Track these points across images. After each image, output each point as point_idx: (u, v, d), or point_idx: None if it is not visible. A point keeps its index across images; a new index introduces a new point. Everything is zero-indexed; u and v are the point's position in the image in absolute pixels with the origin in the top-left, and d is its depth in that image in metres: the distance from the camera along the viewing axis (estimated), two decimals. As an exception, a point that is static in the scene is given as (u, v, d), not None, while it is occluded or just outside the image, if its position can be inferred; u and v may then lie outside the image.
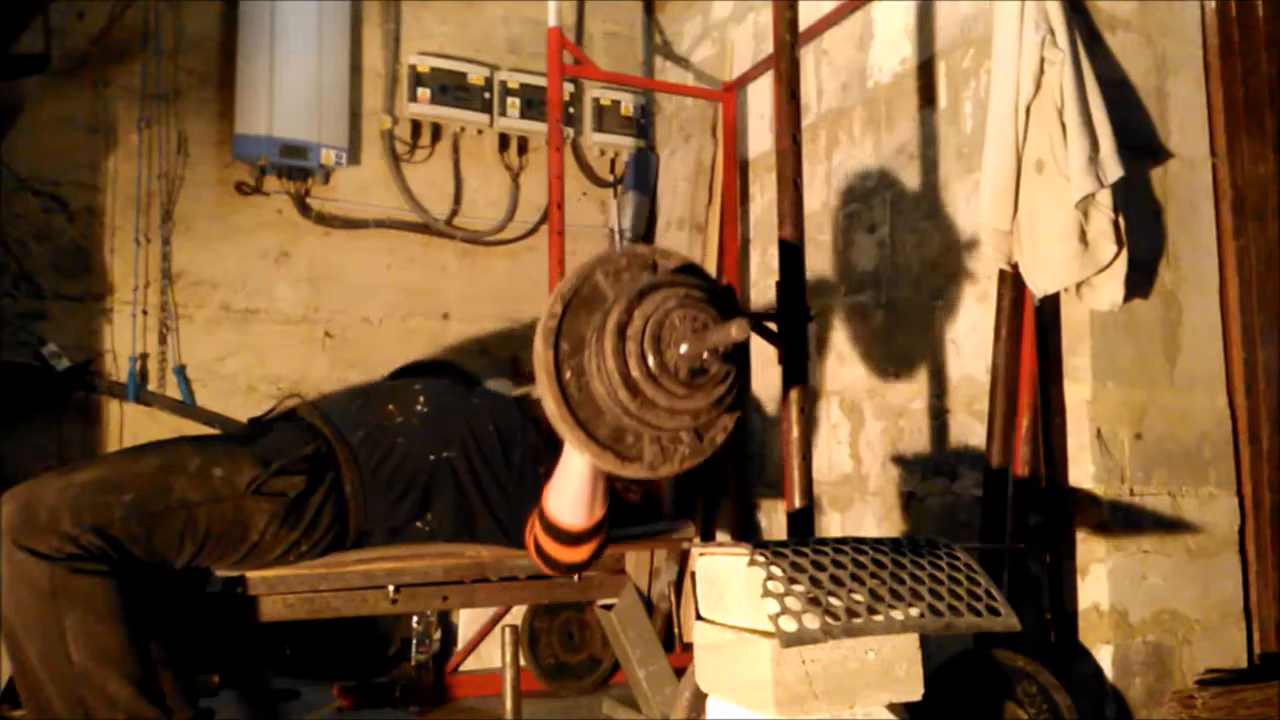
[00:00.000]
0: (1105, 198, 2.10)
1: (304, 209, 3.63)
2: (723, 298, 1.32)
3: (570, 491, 1.53)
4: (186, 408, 3.40)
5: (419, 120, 3.81)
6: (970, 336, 2.55)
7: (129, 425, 3.33)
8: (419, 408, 1.84)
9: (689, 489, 3.48)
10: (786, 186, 1.83)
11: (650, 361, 1.21)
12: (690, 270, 1.33)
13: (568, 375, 1.27)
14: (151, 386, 3.38)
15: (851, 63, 3.06)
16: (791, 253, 1.78)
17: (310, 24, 3.53)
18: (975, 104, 2.56)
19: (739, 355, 1.30)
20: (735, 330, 1.13)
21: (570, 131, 4.02)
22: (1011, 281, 2.25)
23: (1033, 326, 2.27)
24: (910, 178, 2.79)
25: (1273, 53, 2.49)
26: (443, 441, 1.80)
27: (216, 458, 1.63)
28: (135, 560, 1.53)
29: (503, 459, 1.82)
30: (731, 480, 3.49)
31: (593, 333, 1.27)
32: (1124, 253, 2.13)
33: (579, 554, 1.60)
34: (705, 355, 1.22)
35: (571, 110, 4.03)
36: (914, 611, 1.18)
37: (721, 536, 3.54)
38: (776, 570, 1.16)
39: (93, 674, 1.45)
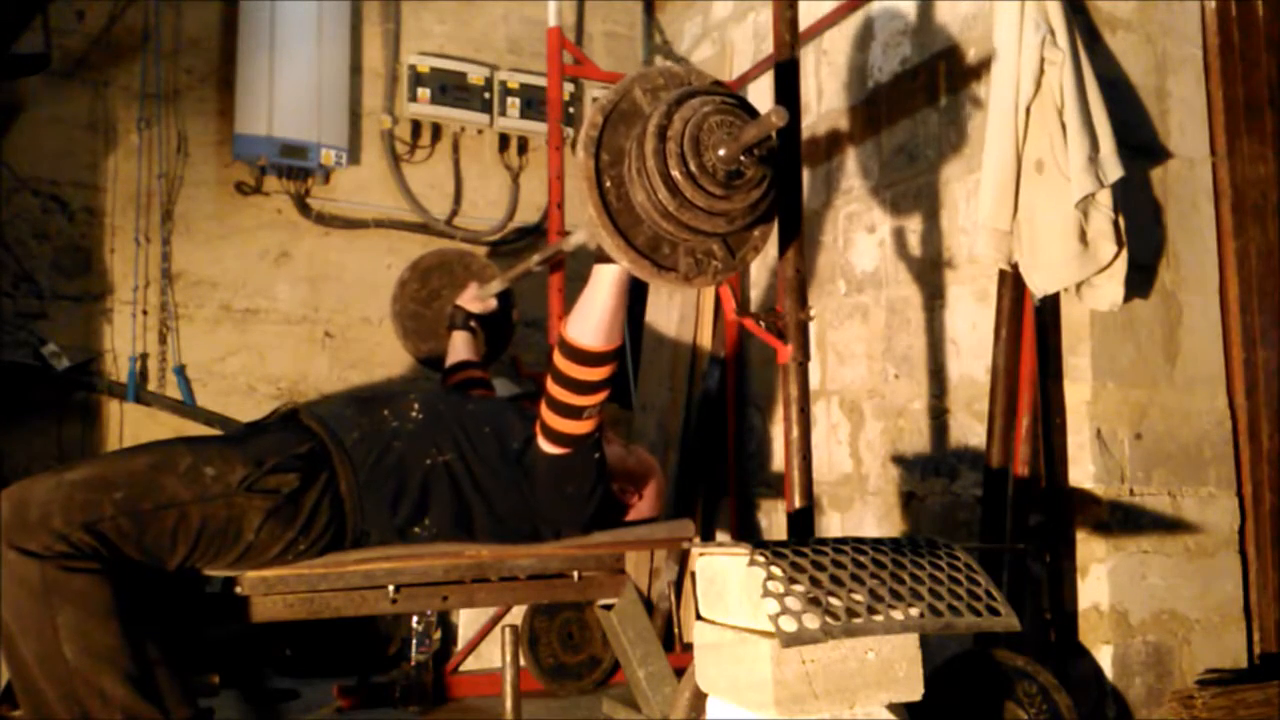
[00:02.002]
0: (1105, 198, 2.10)
1: (304, 209, 3.63)
2: (752, 109, 1.37)
3: (594, 315, 1.63)
4: (186, 408, 3.40)
5: (419, 120, 3.81)
6: (970, 336, 2.55)
7: (129, 425, 3.33)
8: (414, 413, 1.84)
9: (689, 489, 3.48)
10: (787, 186, 1.83)
11: (690, 162, 1.26)
12: (721, 85, 1.38)
13: (608, 184, 1.33)
14: (151, 386, 3.38)
15: (851, 63, 3.06)
16: (791, 252, 1.78)
17: (310, 24, 3.53)
18: (975, 104, 2.56)
19: (772, 162, 1.35)
20: (775, 117, 1.17)
21: (570, 131, 4.01)
22: (1011, 281, 2.25)
23: (1033, 326, 2.27)
24: (910, 178, 2.79)
25: (1273, 53, 2.49)
26: (438, 445, 1.80)
27: (209, 456, 1.62)
28: (128, 558, 1.53)
29: (500, 459, 1.82)
30: (731, 480, 3.49)
31: (632, 142, 1.33)
32: (1124, 253, 2.13)
33: (597, 373, 1.67)
34: (742, 157, 1.27)
35: (571, 110, 4.03)
36: (914, 611, 1.18)
37: (721, 536, 3.54)
38: (776, 570, 1.16)
39: (87, 672, 1.45)
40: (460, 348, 2.48)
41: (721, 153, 1.26)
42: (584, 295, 1.66)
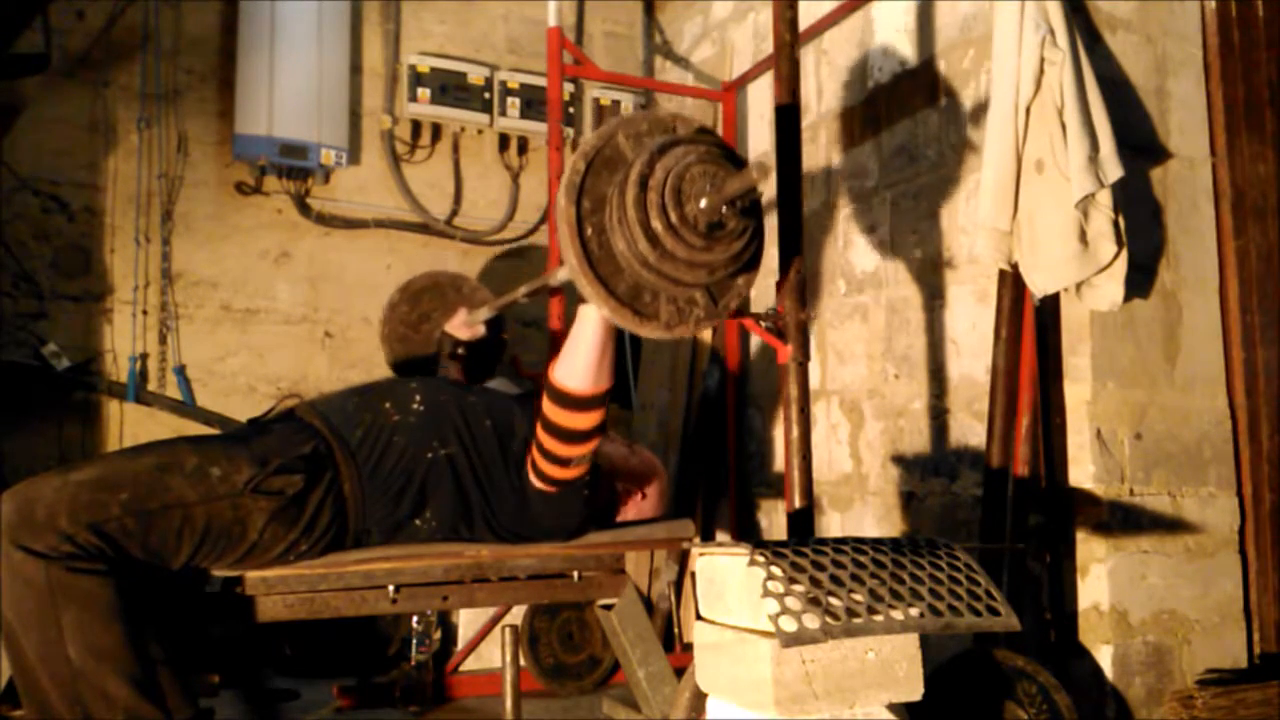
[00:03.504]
0: (1105, 198, 2.10)
1: (304, 209, 3.63)
2: (738, 158, 1.35)
3: (580, 358, 1.61)
4: (186, 408, 3.40)
5: (419, 120, 3.82)
6: (970, 336, 2.55)
7: (129, 425, 3.33)
8: (415, 405, 1.84)
9: (689, 489, 3.48)
10: (786, 186, 1.83)
11: (671, 214, 1.25)
12: (707, 132, 1.37)
13: (589, 231, 1.32)
14: (151, 386, 3.38)
15: (851, 63, 3.06)
16: (792, 252, 1.78)
17: (310, 24, 3.53)
18: (975, 104, 2.56)
19: (755, 213, 1.33)
20: (756, 173, 1.17)
21: (570, 131, 4.02)
22: (1011, 281, 2.25)
23: (1033, 326, 2.27)
24: (910, 178, 2.79)
25: (1273, 53, 2.49)
26: (439, 438, 1.80)
27: (214, 457, 1.63)
28: (132, 559, 1.53)
29: (500, 454, 1.82)
30: (731, 480, 3.49)
31: (614, 189, 1.31)
32: (1124, 253, 2.13)
33: (586, 420, 1.66)
34: (724, 209, 1.25)
35: (571, 110, 4.03)
36: (914, 611, 1.18)
37: (721, 536, 3.54)
38: (776, 570, 1.16)
39: (91, 672, 1.45)
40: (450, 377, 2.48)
41: (703, 204, 1.24)
42: (570, 337, 1.64)
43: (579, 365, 1.62)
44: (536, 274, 3.85)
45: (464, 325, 2.52)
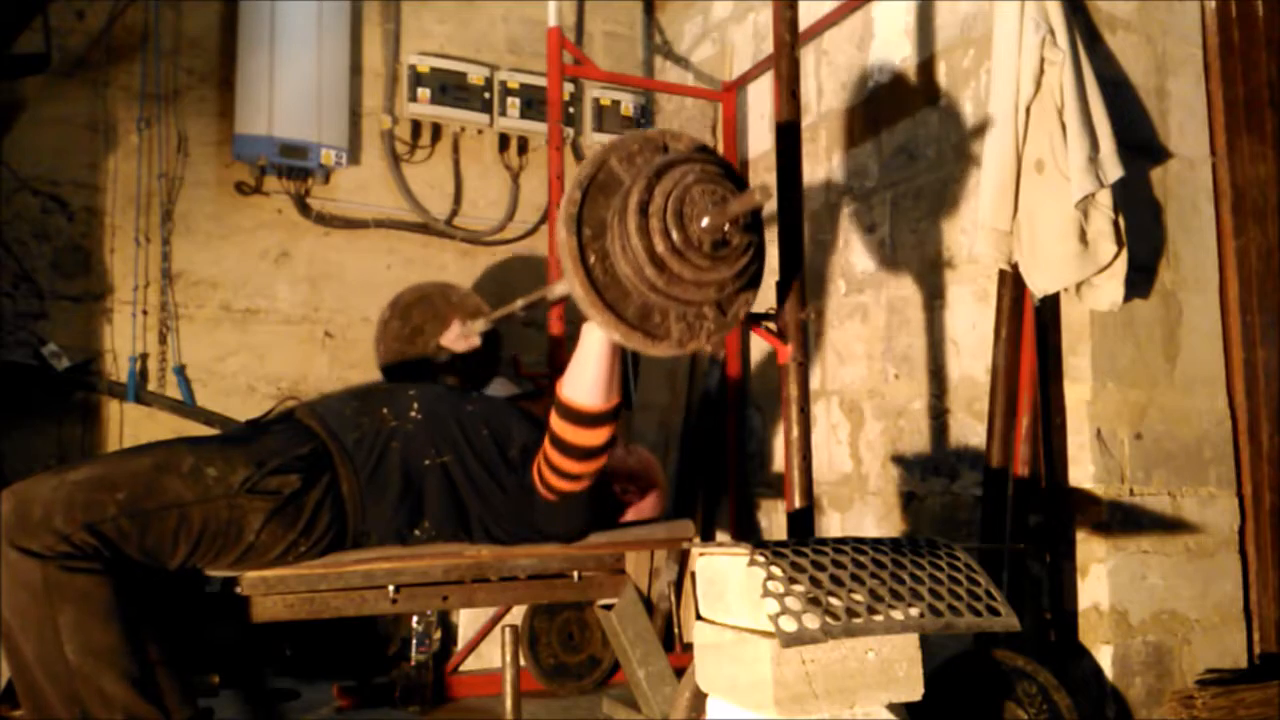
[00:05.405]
0: (1105, 197, 2.10)
1: (304, 209, 3.63)
2: (735, 173, 1.34)
3: (589, 374, 1.60)
4: (186, 408, 3.40)
5: (419, 120, 3.81)
6: (970, 336, 2.55)
7: (129, 425, 3.33)
8: (413, 413, 1.84)
9: (689, 489, 3.48)
10: (786, 186, 1.83)
11: (674, 236, 1.24)
12: (702, 149, 1.35)
13: (592, 259, 1.30)
14: (151, 386, 3.38)
15: (851, 63, 3.06)
16: (791, 252, 1.78)
17: (310, 24, 3.53)
18: (975, 104, 2.56)
19: (758, 227, 1.33)
20: (758, 195, 1.16)
21: (570, 131, 4.01)
22: (1011, 281, 2.25)
23: (1033, 326, 2.27)
24: (910, 178, 2.79)
25: (1273, 52, 2.49)
26: (436, 447, 1.80)
27: (211, 457, 1.63)
28: (129, 559, 1.53)
29: (500, 460, 1.82)
30: (731, 480, 3.49)
31: (614, 215, 1.30)
32: (1124, 253, 2.13)
33: (596, 436, 1.65)
34: (727, 227, 1.24)
35: (571, 110, 4.03)
36: (914, 611, 1.18)
37: (721, 536, 3.54)
38: (776, 570, 1.16)
39: (88, 672, 1.45)
40: None
41: (705, 223, 1.23)
42: (577, 353, 1.63)
43: (587, 381, 1.61)
44: (536, 274, 3.86)
45: (460, 338, 2.50)
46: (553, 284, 2.07)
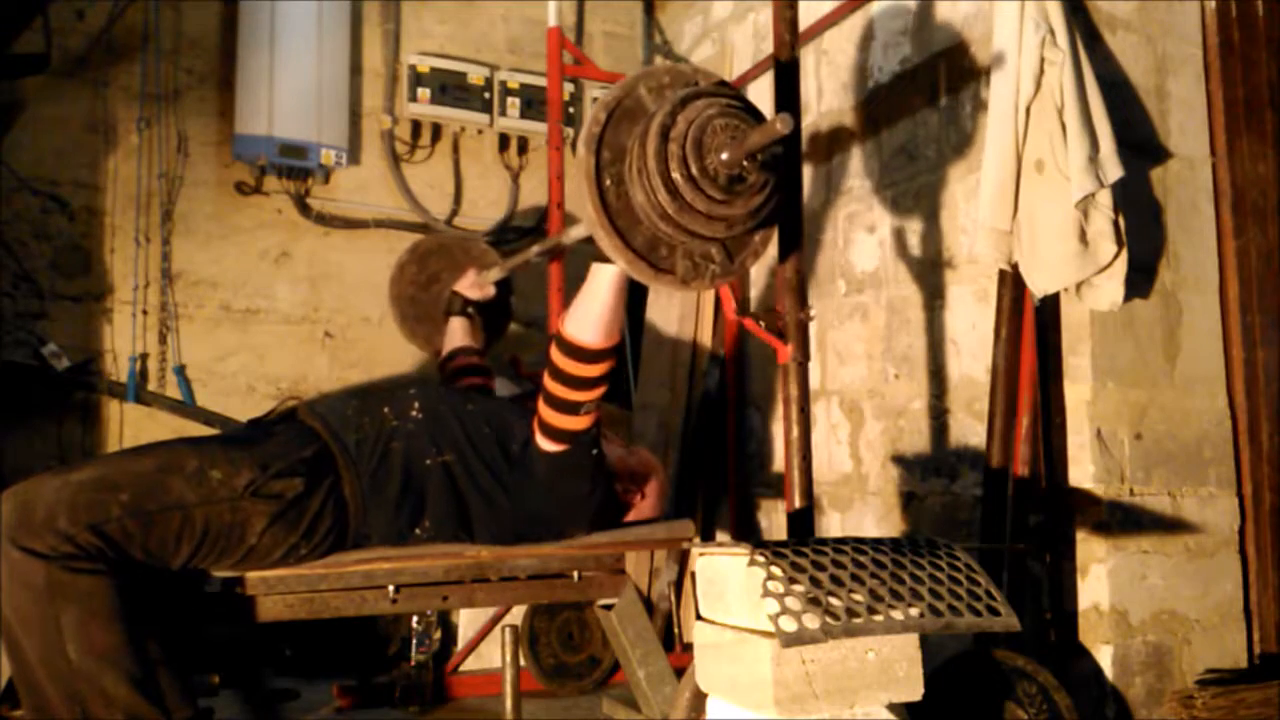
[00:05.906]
0: (1105, 197, 2.10)
1: (304, 209, 3.63)
2: (758, 113, 1.35)
3: (593, 311, 1.61)
4: (186, 408, 3.40)
5: (419, 120, 3.81)
6: (970, 336, 2.55)
7: (129, 425, 3.33)
8: (414, 412, 1.84)
9: (689, 489, 3.48)
10: (787, 186, 1.83)
11: (691, 165, 1.24)
12: (728, 85, 1.36)
13: (608, 182, 1.32)
14: (151, 386, 3.38)
15: (851, 63, 3.06)
16: (791, 252, 1.78)
17: (310, 24, 3.53)
18: (975, 104, 2.56)
19: (775, 167, 1.33)
20: (780, 124, 1.15)
21: (570, 131, 4.01)
22: (1011, 281, 2.25)
23: (1033, 326, 2.27)
24: (910, 178, 2.79)
25: (1273, 53, 2.49)
26: (437, 446, 1.80)
27: (215, 459, 1.62)
28: (132, 559, 1.53)
29: (501, 458, 1.82)
30: (731, 480, 3.49)
31: (635, 140, 1.31)
32: (1124, 253, 2.13)
33: (595, 369, 1.66)
34: (745, 162, 1.25)
35: (571, 110, 4.03)
36: (914, 611, 1.18)
37: (721, 536, 3.54)
38: (776, 570, 1.16)
39: (90, 673, 1.45)
40: (458, 334, 2.48)
41: (724, 156, 1.24)
42: (582, 292, 1.64)
43: (591, 319, 1.62)
44: (537, 274, 3.86)
45: (474, 285, 2.52)
46: (568, 229, 2.07)
